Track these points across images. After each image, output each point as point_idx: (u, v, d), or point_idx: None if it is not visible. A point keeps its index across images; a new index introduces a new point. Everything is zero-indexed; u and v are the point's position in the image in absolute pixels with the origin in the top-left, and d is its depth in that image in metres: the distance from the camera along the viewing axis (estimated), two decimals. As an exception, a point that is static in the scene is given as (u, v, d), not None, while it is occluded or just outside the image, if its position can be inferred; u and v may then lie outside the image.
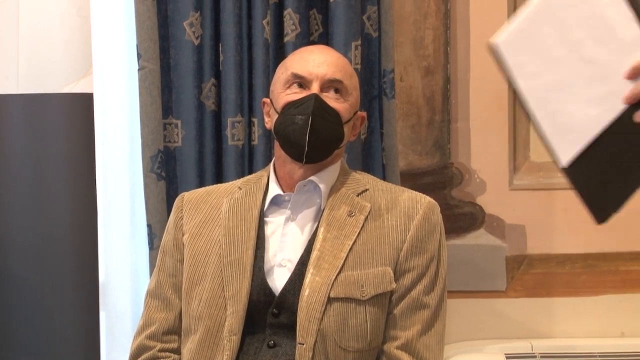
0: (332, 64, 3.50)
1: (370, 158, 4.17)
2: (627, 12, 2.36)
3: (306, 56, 3.58)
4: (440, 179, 4.34)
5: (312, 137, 3.37)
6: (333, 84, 3.45)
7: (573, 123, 2.46)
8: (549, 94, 2.52)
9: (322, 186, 3.47)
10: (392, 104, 4.17)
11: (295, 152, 3.42)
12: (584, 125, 2.43)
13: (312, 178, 3.46)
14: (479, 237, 4.39)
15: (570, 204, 4.34)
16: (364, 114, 3.75)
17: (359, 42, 4.14)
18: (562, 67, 2.49)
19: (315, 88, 3.42)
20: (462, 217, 4.36)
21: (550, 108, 2.52)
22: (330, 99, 3.43)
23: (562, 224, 4.42)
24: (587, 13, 2.46)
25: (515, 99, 2.79)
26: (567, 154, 2.42)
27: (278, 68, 3.64)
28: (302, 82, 3.45)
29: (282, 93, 3.49)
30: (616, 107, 2.35)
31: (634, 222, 4.27)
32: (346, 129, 3.49)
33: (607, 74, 2.40)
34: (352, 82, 3.56)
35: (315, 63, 3.50)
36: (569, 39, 2.48)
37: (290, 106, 3.43)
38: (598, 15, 2.43)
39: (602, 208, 2.43)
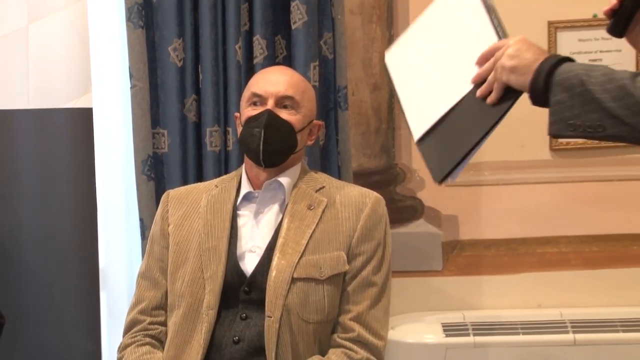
0: (285, 82, 3.56)
1: (328, 160, 4.18)
2: (486, 22, 2.63)
3: (264, 77, 3.66)
4: (386, 177, 4.38)
5: (266, 146, 3.44)
6: (286, 100, 3.51)
7: (427, 107, 2.71)
8: (414, 90, 2.78)
9: (285, 184, 3.50)
10: (346, 115, 4.19)
11: (255, 159, 3.48)
12: (435, 107, 2.66)
13: (277, 178, 3.48)
14: (419, 226, 4.41)
15: (495, 198, 4.59)
16: (321, 122, 3.78)
17: (317, 62, 4.14)
18: (428, 68, 2.72)
19: (270, 104, 3.48)
20: (404, 209, 4.39)
21: (414, 98, 2.79)
22: (284, 112, 3.49)
23: (488, 215, 4.46)
24: (456, 22, 2.70)
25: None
26: (419, 130, 2.68)
27: (246, 87, 3.66)
28: (259, 99, 3.51)
29: (246, 109, 3.56)
30: (464, 90, 2.59)
31: (547, 212, 4.32)
32: (301, 136, 3.55)
33: (466, 66, 2.60)
34: (305, 96, 3.60)
35: (271, 83, 3.56)
36: (441, 45, 2.72)
37: (250, 120, 3.50)
38: (464, 22, 2.67)
39: (440, 169, 2.65)
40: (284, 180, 3.52)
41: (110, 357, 4.01)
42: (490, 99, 2.53)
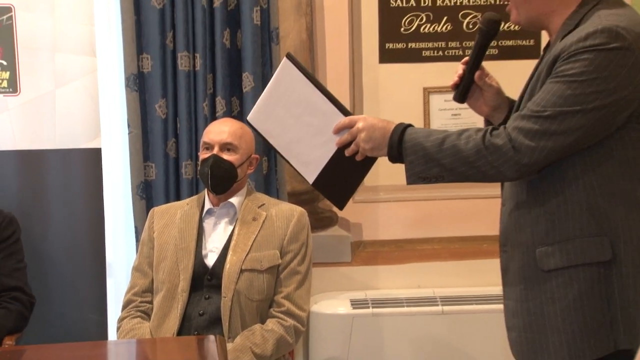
0: (225, 132, 3.64)
1: (269, 185, 4.20)
2: (321, 96, 2.58)
3: (211, 129, 3.73)
4: (311, 196, 4.34)
5: (213, 179, 3.55)
6: (227, 145, 3.60)
7: (310, 160, 2.65)
8: (290, 145, 2.70)
9: (235, 204, 3.64)
10: None
11: (208, 188, 3.63)
12: (316, 160, 2.62)
13: (229, 199, 3.63)
14: (334, 231, 4.39)
15: (388, 210, 4.50)
16: (257, 156, 3.84)
17: None
18: (293, 130, 2.66)
19: (215, 150, 3.59)
20: (324, 219, 4.37)
21: (294, 153, 2.70)
22: (226, 154, 3.58)
23: (384, 222, 4.42)
24: (299, 97, 2.61)
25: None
26: (311, 176, 2.63)
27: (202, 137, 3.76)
28: (208, 146, 3.62)
29: (201, 153, 3.68)
30: (333, 148, 2.57)
31: (424, 220, 4.31)
32: (241, 169, 3.62)
33: (322, 130, 2.58)
34: (242, 140, 3.67)
35: (216, 133, 3.66)
36: (293, 113, 2.64)
37: (202, 162, 3.62)
38: (306, 98, 2.60)
39: (338, 201, 2.70)
40: (235, 200, 3.64)
41: (112, 325, 3.97)
42: (358, 158, 2.52)
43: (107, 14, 4.21)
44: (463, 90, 2.65)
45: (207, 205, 3.66)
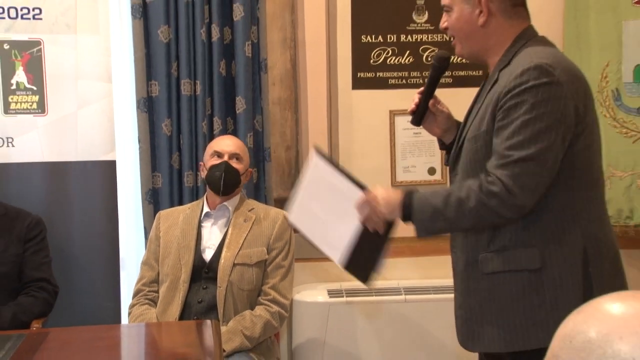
0: (234, 145, 3.71)
1: (259, 192, 4.21)
2: (343, 179, 2.54)
3: (221, 141, 3.77)
4: None
5: (224, 182, 3.56)
6: (235, 155, 3.63)
7: (338, 243, 2.57)
8: (322, 234, 2.65)
9: (230, 207, 3.67)
10: (269, 165, 4.21)
11: (216, 190, 3.60)
12: (343, 241, 2.54)
13: (224, 203, 3.64)
14: None
15: None
16: (252, 170, 3.89)
17: (252, 133, 4.17)
18: (324, 219, 2.61)
19: (226, 157, 3.60)
20: None
21: (325, 240, 2.65)
22: (234, 162, 3.61)
23: None
24: (327, 186, 2.58)
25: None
26: (340, 259, 2.57)
27: (207, 148, 3.78)
28: (219, 154, 3.63)
29: (209, 160, 3.66)
30: (357, 226, 2.49)
31: None
32: (242, 177, 3.67)
33: (347, 211, 2.48)
34: (245, 154, 3.74)
35: (226, 145, 3.69)
36: (323, 203, 2.61)
37: (213, 167, 3.60)
38: (333, 185, 2.55)
39: (366, 277, 2.61)
40: (229, 204, 3.67)
41: (124, 311, 3.96)
42: (379, 229, 2.47)
43: (121, 47, 4.22)
44: (419, 116, 2.71)
45: (206, 209, 3.70)
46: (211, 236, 3.67)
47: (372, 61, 4.37)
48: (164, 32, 4.09)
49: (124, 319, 3.97)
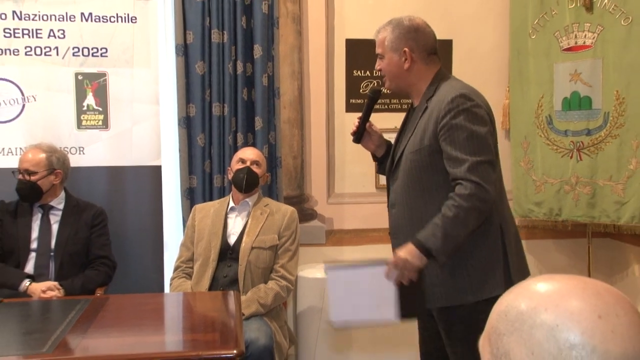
0: (254, 154, 3.72)
1: (272, 191, 4.19)
2: (366, 268, 2.50)
3: (245, 150, 3.77)
4: (300, 200, 4.33)
5: (246, 183, 3.60)
6: (255, 162, 3.62)
7: (385, 309, 2.44)
8: (368, 314, 2.51)
9: (250, 203, 3.67)
10: (280, 171, 4.21)
11: (239, 188, 3.63)
12: (389, 305, 2.42)
13: (246, 199, 3.63)
14: (315, 223, 4.38)
15: (351, 210, 4.43)
16: (269, 174, 3.90)
17: (267, 145, 4.16)
18: (363, 304, 2.48)
19: (248, 163, 3.64)
20: (308, 215, 4.34)
21: (373, 317, 2.52)
22: (254, 167, 3.63)
23: (347, 218, 4.41)
24: (353, 281, 2.49)
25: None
26: (395, 317, 2.44)
27: (234, 156, 3.75)
28: (243, 161, 3.65)
29: (236, 165, 3.68)
30: (393, 288, 2.41)
31: (375, 217, 4.29)
32: (261, 180, 3.69)
33: (380, 285, 2.41)
34: (262, 162, 3.72)
35: (249, 153, 3.71)
36: (356, 294, 2.49)
37: (238, 171, 3.62)
38: (359, 278, 2.49)
39: (422, 312, 2.57)
40: (250, 200, 3.68)
41: (166, 283, 3.95)
42: (413, 278, 2.40)
43: (167, 77, 4.22)
44: (359, 135, 2.80)
45: (231, 204, 3.71)
46: (235, 225, 3.68)
47: (361, 90, 4.39)
48: (200, 66, 4.12)
49: (166, 288, 3.95)
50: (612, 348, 0.85)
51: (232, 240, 3.64)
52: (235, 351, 2.32)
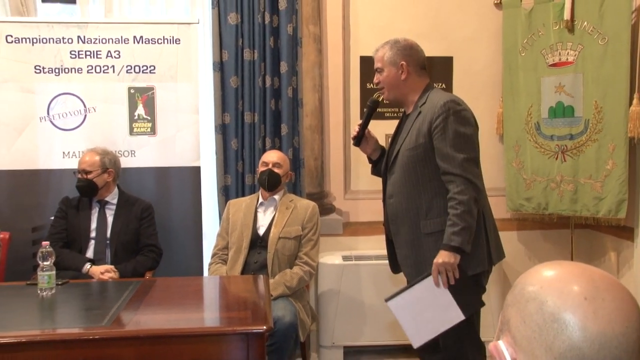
0: (275, 157, 3.70)
1: (296, 188, 4.18)
2: (421, 287, 2.53)
3: (267, 154, 3.76)
4: (320, 196, 4.30)
5: (268, 183, 3.62)
6: (276, 164, 3.64)
7: (447, 315, 2.52)
8: (418, 325, 2.58)
9: (276, 198, 3.68)
10: (303, 170, 4.21)
11: (263, 187, 3.65)
12: (450, 310, 2.52)
13: (273, 196, 3.68)
14: (333, 216, 4.35)
15: (364, 205, 4.38)
16: (291, 173, 3.87)
17: (292, 148, 4.17)
18: (422, 319, 2.55)
19: (270, 166, 3.64)
20: (327, 209, 4.31)
21: (429, 330, 2.57)
22: (276, 168, 3.63)
23: (362, 211, 4.37)
24: (415, 301, 2.54)
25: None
26: (457, 319, 2.52)
27: (260, 159, 3.76)
28: (266, 164, 3.65)
29: (260, 167, 3.69)
30: (448, 292, 2.51)
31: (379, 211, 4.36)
32: (283, 178, 3.67)
33: (437, 295, 2.50)
34: (284, 163, 3.70)
35: (270, 157, 3.70)
36: (418, 312, 2.54)
37: (262, 172, 3.64)
38: (417, 298, 2.53)
39: (477, 307, 2.63)
40: (276, 196, 3.68)
41: (205, 267, 3.92)
42: (456, 275, 2.50)
43: (206, 90, 4.23)
44: (359, 139, 2.87)
45: (260, 200, 3.71)
46: (264, 218, 3.68)
47: (373, 101, 4.40)
48: (234, 80, 4.15)
49: (205, 272, 3.94)
50: (590, 326, 0.85)
51: (261, 231, 3.64)
52: (264, 327, 2.34)
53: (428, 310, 2.54)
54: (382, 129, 2.74)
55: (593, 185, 3.96)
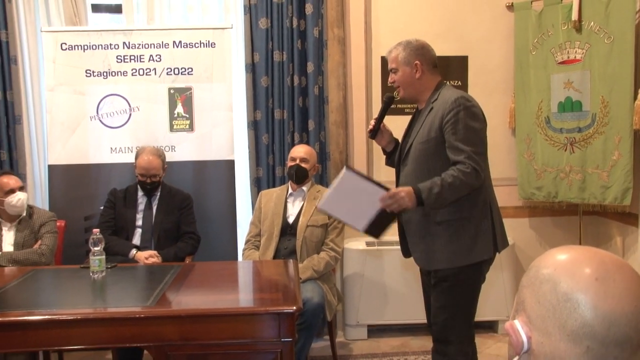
0: (303, 152, 3.67)
1: (322, 180, 4.18)
2: (370, 184, 2.50)
3: (295, 149, 3.73)
4: None
5: (296, 177, 3.61)
6: (303, 159, 3.61)
7: (361, 220, 2.53)
8: (348, 216, 2.59)
9: (305, 190, 3.66)
10: (329, 163, 4.23)
11: (292, 180, 3.64)
12: (365, 218, 2.52)
13: (301, 187, 3.65)
14: None
15: None
16: (318, 165, 3.85)
17: (318, 143, 4.17)
18: (350, 208, 2.53)
19: (297, 161, 3.62)
20: None
21: (350, 219, 2.59)
22: (303, 163, 3.61)
23: None
24: (356, 189, 2.49)
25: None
26: (362, 227, 2.54)
27: (289, 153, 3.73)
28: (294, 159, 3.63)
29: (288, 162, 3.68)
30: (377, 209, 2.48)
31: None
32: (309, 172, 3.63)
33: (371, 202, 2.46)
34: (311, 157, 3.67)
35: (297, 152, 3.68)
36: (350, 199, 2.50)
37: (290, 167, 3.63)
38: (360, 188, 2.48)
39: (378, 234, 2.58)
40: (304, 188, 3.67)
41: (239, 253, 3.93)
42: (396, 211, 2.47)
43: (238, 89, 4.24)
44: (374, 133, 2.79)
45: (290, 190, 3.69)
46: (293, 208, 3.67)
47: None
48: (265, 80, 4.17)
49: (239, 257, 3.95)
50: (601, 305, 0.85)
51: (291, 219, 3.64)
52: (294, 307, 2.34)
53: (354, 202, 2.52)
54: (402, 123, 2.73)
55: (600, 175, 3.93)
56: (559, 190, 4.18)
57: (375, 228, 2.58)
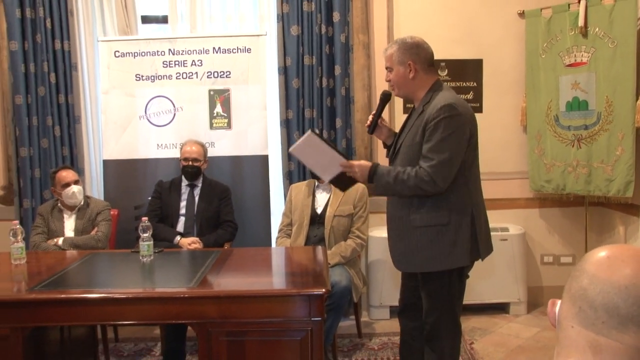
0: None
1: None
2: (330, 150, 2.51)
3: None
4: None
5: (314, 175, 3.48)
6: None
7: (327, 173, 2.55)
8: (314, 167, 2.63)
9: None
10: (355, 158, 4.10)
11: (315, 178, 3.55)
12: (330, 173, 2.53)
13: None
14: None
15: None
16: None
17: (345, 139, 4.13)
18: (315, 162, 2.56)
19: None
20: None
21: (317, 170, 2.62)
22: None
23: None
24: (319, 150, 2.50)
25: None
26: (327, 179, 2.58)
27: None
28: None
29: None
30: (339, 170, 2.49)
31: None
32: None
33: (333, 163, 2.49)
34: None
35: None
36: (315, 155, 2.51)
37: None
38: (323, 150, 2.50)
39: (342, 188, 2.65)
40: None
41: (273, 240, 3.93)
42: (351, 175, 2.47)
43: (272, 91, 4.23)
44: (373, 128, 2.68)
45: (317, 183, 3.66)
46: (321, 199, 3.64)
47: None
48: (296, 82, 4.17)
49: (273, 244, 3.94)
50: (598, 274, 0.89)
51: (319, 210, 3.62)
52: (323, 290, 2.33)
53: (320, 157, 2.51)
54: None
55: (604, 169, 3.90)
56: (567, 183, 4.15)
57: (340, 183, 2.59)
